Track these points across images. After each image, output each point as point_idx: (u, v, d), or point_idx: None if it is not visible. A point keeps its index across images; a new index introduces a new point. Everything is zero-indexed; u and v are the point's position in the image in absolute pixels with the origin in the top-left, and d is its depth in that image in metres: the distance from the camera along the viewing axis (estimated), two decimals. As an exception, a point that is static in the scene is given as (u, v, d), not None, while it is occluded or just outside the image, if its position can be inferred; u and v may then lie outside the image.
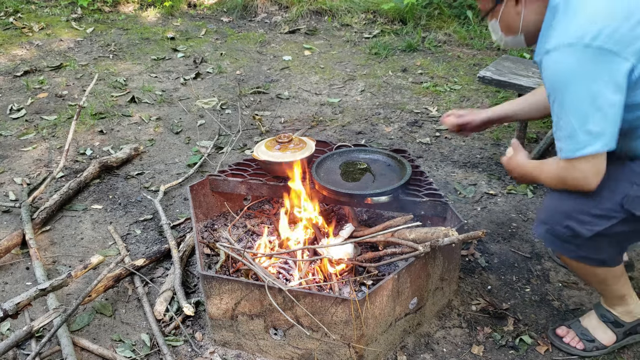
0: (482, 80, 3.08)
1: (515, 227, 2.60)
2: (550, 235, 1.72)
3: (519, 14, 1.69)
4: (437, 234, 1.90)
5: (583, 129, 1.50)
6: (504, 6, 1.70)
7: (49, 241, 2.60)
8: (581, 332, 1.96)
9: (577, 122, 1.50)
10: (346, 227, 2.23)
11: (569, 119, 1.51)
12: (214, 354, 1.98)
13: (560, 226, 1.67)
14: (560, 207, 1.67)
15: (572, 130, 1.51)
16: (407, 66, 4.43)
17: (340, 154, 2.41)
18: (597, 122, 1.49)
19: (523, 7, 1.67)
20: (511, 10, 1.70)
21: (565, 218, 1.66)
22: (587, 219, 1.63)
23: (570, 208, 1.65)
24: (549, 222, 1.70)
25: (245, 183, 2.39)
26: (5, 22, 5.53)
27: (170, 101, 3.98)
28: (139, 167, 3.20)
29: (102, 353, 1.98)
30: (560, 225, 1.67)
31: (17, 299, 1.89)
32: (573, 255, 1.74)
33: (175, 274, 2.24)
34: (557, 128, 1.56)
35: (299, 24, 5.41)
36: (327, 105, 3.88)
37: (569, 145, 1.53)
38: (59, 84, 4.26)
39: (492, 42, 4.77)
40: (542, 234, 1.75)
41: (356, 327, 1.78)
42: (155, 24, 5.60)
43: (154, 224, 2.71)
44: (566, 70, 1.49)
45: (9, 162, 3.25)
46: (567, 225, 1.65)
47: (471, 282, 2.28)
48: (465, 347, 2.01)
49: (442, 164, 3.13)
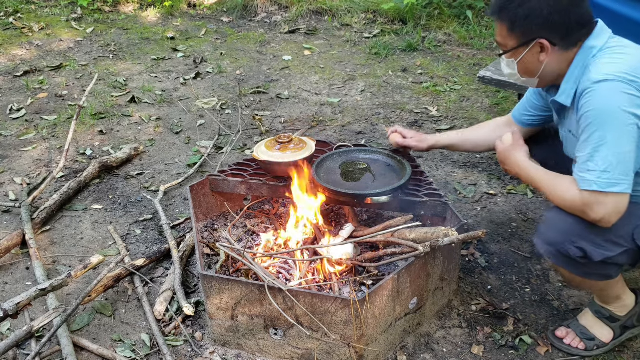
0: (482, 80, 3.08)
1: (515, 227, 2.60)
2: (558, 253, 1.69)
3: (541, 62, 1.70)
4: (437, 234, 1.90)
5: (621, 169, 1.52)
6: (528, 50, 1.69)
7: (49, 241, 2.60)
8: (581, 332, 1.96)
9: (616, 159, 1.52)
10: (346, 227, 2.23)
11: (609, 154, 1.52)
12: (214, 354, 1.98)
13: (572, 246, 1.64)
14: (574, 228, 1.64)
15: (609, 166, 1.52)
16: (407, 66, 4.43)
17: (340, 154, 2.41)
18: (632, 166, 1.53)
19: (547, 57, 1.68)
20: (534, 56, 1.70)
21: (578, 239, 1.63)
22: (601, 243, 1.63)
23: (584, 229, 1.63)
24: (559, 240, 1.67)
25: (245, 183, 2.39)
26: (5, 22, 5.53)
27: (170, 101, 3.98)
28: (139, 167, 3.20)
29: (102, 353, 1.98)
30: (572, 244, 1.64)
31: (17, 299, 1.89)
32: (580, 273, 1.73)
33: (175, 274, 2.24)
34: (589, 159, 1.55)
35: (299, 24, 5.41)
36: (327, 105, 3.88)
37: (601, 180, 1.53)
38: (59, 84, 4.26)
39: (492, 42, 4.77)
40: (550, 251, 1.71)
41: (356, 327, 1.78)
42: (155, 24, 5.60)
43: (154, 224, 2.71)
44: (617, 104, 1.51)
45: (9, 162, 3.25)
46: (580, 246, 1.63)
47: (471, 282, 2.28)
48: (465, 347, 2.01)
49: (442, 164, 3.13)
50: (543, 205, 2.74)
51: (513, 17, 1.67)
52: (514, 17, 1.66)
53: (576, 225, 1.63)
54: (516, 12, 1.65)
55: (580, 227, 1.63)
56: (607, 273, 1.73)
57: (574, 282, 1.83)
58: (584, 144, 1.58)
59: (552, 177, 1.71)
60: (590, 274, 1.72)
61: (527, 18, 1.64)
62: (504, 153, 1.88)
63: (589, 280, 1.76)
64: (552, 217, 1.71)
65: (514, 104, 3.65)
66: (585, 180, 1.56)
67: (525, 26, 1.66)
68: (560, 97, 1.72)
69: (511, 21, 1.68)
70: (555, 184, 1.68)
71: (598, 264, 1.66)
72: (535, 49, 1.68)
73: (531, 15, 1.63)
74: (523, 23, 1.65)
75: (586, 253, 1.63)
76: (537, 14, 1.63)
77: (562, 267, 1.74)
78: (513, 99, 3.71)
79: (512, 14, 1.67)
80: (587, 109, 1.56)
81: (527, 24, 1.65)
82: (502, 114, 3.59)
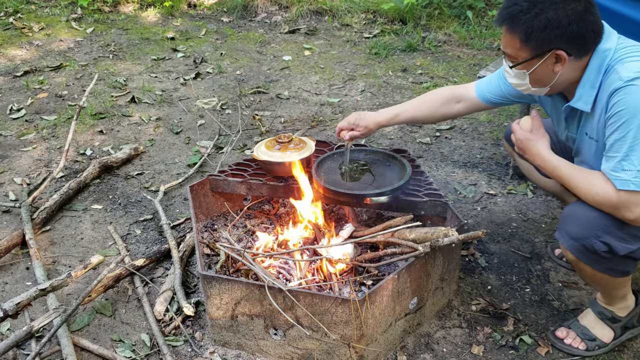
0: (482, 80, 3.08)
1: (515, 227, 2.60)
2: (583, 248, 1.68)
3: (555, 73, 1.64)
4: (437, 234, 1.90)
5: None
6: (542, 62, 1.62)
7: (49, 241, 2.60)
8: (581, 332, 1.96)
9: None
10: (346, 227, 2.23)
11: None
12: (214, 354, 1.98)
13: (598, 240, 1.64)
14: (598, 222, 1.63)
15: None
16: (407, 66, 4.43)
17: (341, 154, 2.41)
18: None
19: (562, 68, 1.62)
20: (548, 67, 1.63)
21: (603, 233, 1.63)
22: (624, 237, 1.63)
23: (608, 224, 1.62)
24: (584, 234, 1.66)
25: (245, 183, 2.39)
26: (5, 22, 5.53)
27: (170, 101, 3.98)
28: (139, 167, 3.20)
29: (102, 353, 1.98)
30: (598, 239, 1.64)
31: (17, 299, 1.89)
32: (602, 268, 1.72)
33: (175, 274, 2.24)
34: (624, 158, 1.54)
35: (299, 24, 5.41)
36: (327, 105, 3.88)
37: (639, 179, 1.52)
38: (59, 84, 4.26)
39: (492, 42, 4.77)
40: (574, 246, 1.70)
41: (356, 327, 1.78)
42: (155, 24, 5.60)
43: (154, 224, 2.71)
44: None
45: (9, 162, 3.25)
46: (605, 240, 1.63)
47: (471, 282, 2.28)
48: (465, 347, 2.00)
49: (442, 164, 3.13)
50: (543, 205, 2.74)
51: (528, 29, 1.58)
52: (529, 29, 1.57)
53: (600, 220, 1.63)
54: (532, 24, 1.57)
55: (604, 222, 1.62)
56: (626, 269, 1.73)
57: (594, 278, 1.80)
58: (618, 143, 1.55)
59: (583, 173, 1.68)
60: (612, 269, 1.72)
61: (544, 29, 1.56)
62: (524, 141, 1.80)
63: (607, 276, 1.75)
64: (575, 212, 1.70)
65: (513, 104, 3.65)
66: (621, 180, 1.54)
67: (542, 37, 1.57)
68: (577, 102, 1.67)
69: (526, 33, 1.58)
70: (588, 181, 1.65)
71: (621, 259, 1.67)
72: (550, 59, 1.61)
73: (549, 26, 1.56)
74: (540, 34, 1.57)
75: (611, 247, 1.63)
76: (555, 25, 1.55)
77: (585, 263, 1.72)
78: (513, 99, 3.71)
79: (527, 26, 1.58)
80: (620, 107, 1.53)
81: (544, 35, 1.57)
82: (501, 113, 3.59)
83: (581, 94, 1.66)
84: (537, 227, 2.59)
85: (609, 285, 1.84)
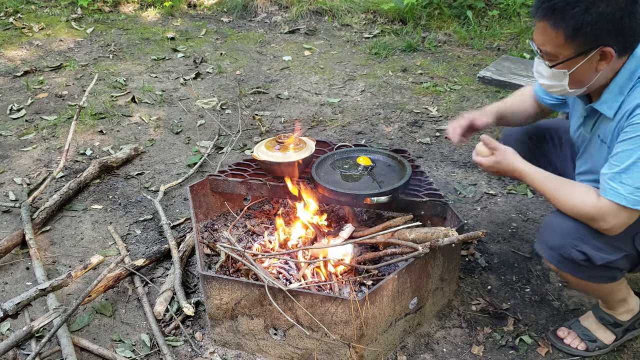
0: (482, 80, 3.08)
1: (515, 227, 2.60)
2: (561, 257, 1.66)
3: (598, 72, 1.52)
4: (437, 234, 1.90)
5: None
6: (586, 60, 1.50)
7: (49, 241, 2.60)
8: (582, 333, 1.96)
9: None
10: (346, 228, 2.23)
11: None
12: (214, 354, 1.98)
13: (575, 249, 1.62)
14: (575, 232, 1.62)
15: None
16: (407, 66, 4.43)
17: (341, 154, 2.41)
18: None
19: (606, 66, 1.51)
20: (592, 65, 1.51)
21: (580, 242, 1.61)
22: (602, 247, 1.61)
23: (585, 233, 1.61)
24: (561, 244, 1.64)
25: (245, 183, 2.39)
26: (5, 22, 5.53)
27: (170, 101, 3.98)
28: (139, 167, 3.20)
29: (102, 353, 1.98)
30: (575, 248, 1.62)
31: (17, 299, 1.89)
32: (584, 276, 1.71)
33: (175, 274, 2.24)
34: (625, 171, 1.49)
35: (299, 24, 5.41)
36: (327, 105, 3.87)
37: (633, 196, 1.48)
38: (59, 84, 4.26)
39: (492, 42, 4.77)
40: (552, 255, 1.68)
41: (356, 327, 1.78)
42: (155, 24, 5.60)
43: (154, 224, 2.71)
44: None
45: (9, 162, 3.25)
46: (582, 250, 1.62)
47: (471, 282, 2.28)
48: (465, 347, 2.00)
49: (442, 164, 3.13)
50: (543, 205, 2.74)
51: (577, 24, 1.44)
52: (579, 24, 1.44)
53: (578, 229, 1.61)
54: (582, 18, 1.43)
55: (581, 231, 1.61)
56: (611, 275, 1.72)
57: (580, 286, 1.80)
58: (625, 154, 1.49)
59: (562, 182, 1.65)
60: (595, 276, 1.71)
61: (595, 24, 1.43)
62: (494, 166, 1.77)
63: (595, 284, 1.75)
64: (553, 222, 1.68)
65: (514, 104, 3.65)
66: (614, 190, 1.51)
67: (592, 33, 1.44)
68: (601, 105, 1.59)
69: (574, 28, 1.45)
70: (566, 190, 1.62)
71: (600, 268, 1.66)
72: (595, 57, 1.49)
73: (601, 21, 1.43)
74: (590, 30, 1.44)
75: (588, 256, 1.62)
76: (607, 19, 1.43)
77: (565, 272, 1.71)
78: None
79: (575, 21, 1.44)
80: (633, 122, 1.47)
81: (594, 31, 1.44)
82: (502, 114, 3.59)
83: (607, 98, 1.58)
84: (537, 227, 2.59)
85: (602, 292, 1.83)
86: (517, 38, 4.76)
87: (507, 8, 5.13)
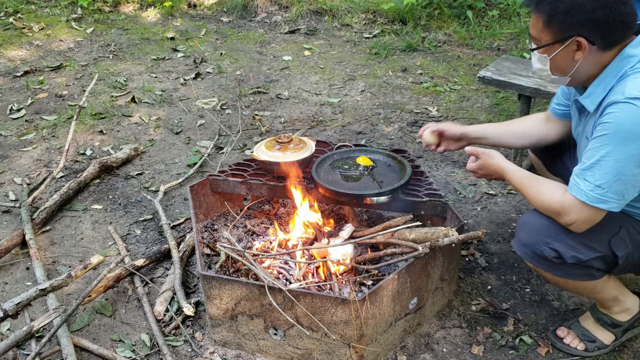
0: (482, 80, 3.08)
1: (515, 227, 2.60)
2: (534, 254, 1.69)
3: (575, 61, 1.59)
4: (437, 234, 1.90)
5: (615, 188, 1.50)
6: (563, 47, 1.58)
7: (49, 241, 2.60)
8: (582, 333, 1.96)
9: (615, 180, 1.49)
10: (346, 228, 2.23)
11: (610, 172, 1.49)
12: (214, 354, 1.98)
13: (546, 246, 1.65)
14: (548, 229, 1.65)
15: (605, 182, 1.50)
16: (407, 66, 4.43)
17: (341, 154, 2.41)
18: (631, 190, 1.51)
19: (582, 56, 1.57)
20: (569, 54, 1.58)
21: (552, 240, 1.64)
22: (574, 245, 1.63)
23: (557, 231, 1.64)
24: (533, 241, 1.67)
25: (245, 183, 2.39)
26: (5, 22, 5.53)
27: (170, 101, 3.98)
28: (139, 167, 3.20)
29: (102, 353, 1.98)
30: (546, 245, 1.65)
31: (17, 299, 1.89)
32: (560, 274, 1.73)
33: (175, 274, 2.24)
34: (590, 169, 1.52)
35: (299, 24, 5.41)
36: (327, 105, 3.88)
37: (593, 193, 1.51)
38: (59, 84, 4.26)
39: (492, 42, 4.77)
40: (526, 252, 1.71)
41: (356, 327, 1.78)
42: (155, 24, 5.60)
43: (154, 224, 2.71)
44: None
45: (9, 162, 3.25)
46: (553, 247, 1.64)
47: (471, 282, 2.28)
48: (465, 347, 2.01)
49: (442, 164, 3.13)
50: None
51: (552, 11, 1.53)
52: (553, 11, 1.53)
53: (550, 227, 1.64)
54: (556, 5, 1.52)
55: (553, 229, 1.64)
56: (587, 273, 1.71)
57: (559, 284, 1.81)
58: (592, 152, 1.53)
59: (533, 180, 1.71)
60: (571, 274, 1.72)
61: (567, 13, 1.51)
62: (483, 169, 1.86)
63: (574, 281, 1.75)
64: (527, 219, 1.73)
65: (514, 104, 3.66)
66: (577, 186, 1.55)
67: (565, 21, 1.53)
68: (586, 99, 1.64)
69: (549, 15, 1.54)
70: (536, 187, 1.69)
71: (573, 266, 1.67)
72: (571, 46, 1.56)
73: (573, 10, 1.50)
74: (563, 18, 1.52)
75: (560, 254, 1.64)
76: (579, 9, 1.50)
77: (540, 269, 1.74)
78: (513, 98, 3.71)
79: (551, 7, 1.53)
80: (610, 120, 1.49)
81: (566, 19, 1.52)
82: (502, 113, 3.59)
83: (592, 92, 1.62)
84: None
85: (585, 290, 1.82)
86: (517, 38, 4.76)
87: (507, 8, 5.13)
